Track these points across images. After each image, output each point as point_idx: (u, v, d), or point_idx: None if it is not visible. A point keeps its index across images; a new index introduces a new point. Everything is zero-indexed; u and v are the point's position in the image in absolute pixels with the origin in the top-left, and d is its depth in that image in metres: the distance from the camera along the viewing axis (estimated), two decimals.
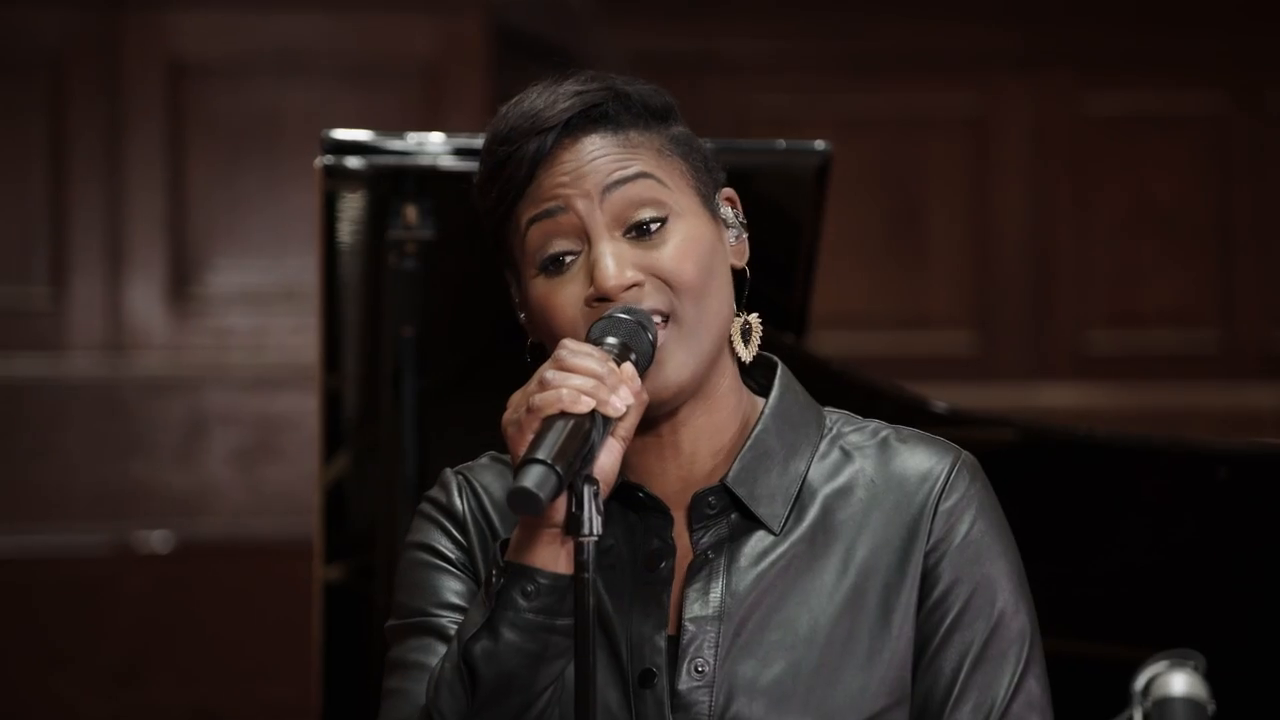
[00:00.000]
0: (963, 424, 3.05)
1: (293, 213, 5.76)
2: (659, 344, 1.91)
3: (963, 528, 1.96)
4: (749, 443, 1.97)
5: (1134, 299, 6.44)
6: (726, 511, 1.96)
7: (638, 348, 1.89)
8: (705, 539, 1.96)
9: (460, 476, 2.04)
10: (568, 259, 1.93)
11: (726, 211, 1.99)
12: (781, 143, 3.26)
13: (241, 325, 5.88)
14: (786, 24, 6.43)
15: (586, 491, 1.81)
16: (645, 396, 1.89)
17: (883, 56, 6.44)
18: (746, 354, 1.98)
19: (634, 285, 1.92)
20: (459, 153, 2.99)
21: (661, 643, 1.94)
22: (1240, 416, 6.17)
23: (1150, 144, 6.45)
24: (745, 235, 2.00)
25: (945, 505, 1.95)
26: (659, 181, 1.93)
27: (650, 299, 1.92)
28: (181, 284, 5.89)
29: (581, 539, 1.81)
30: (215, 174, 5.90)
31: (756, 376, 2.03)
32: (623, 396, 1.84)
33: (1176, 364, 6.42)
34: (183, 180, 5.90)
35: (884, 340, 6.32)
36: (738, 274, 1.99)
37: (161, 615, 5.50)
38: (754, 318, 1.99)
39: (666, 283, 1.92)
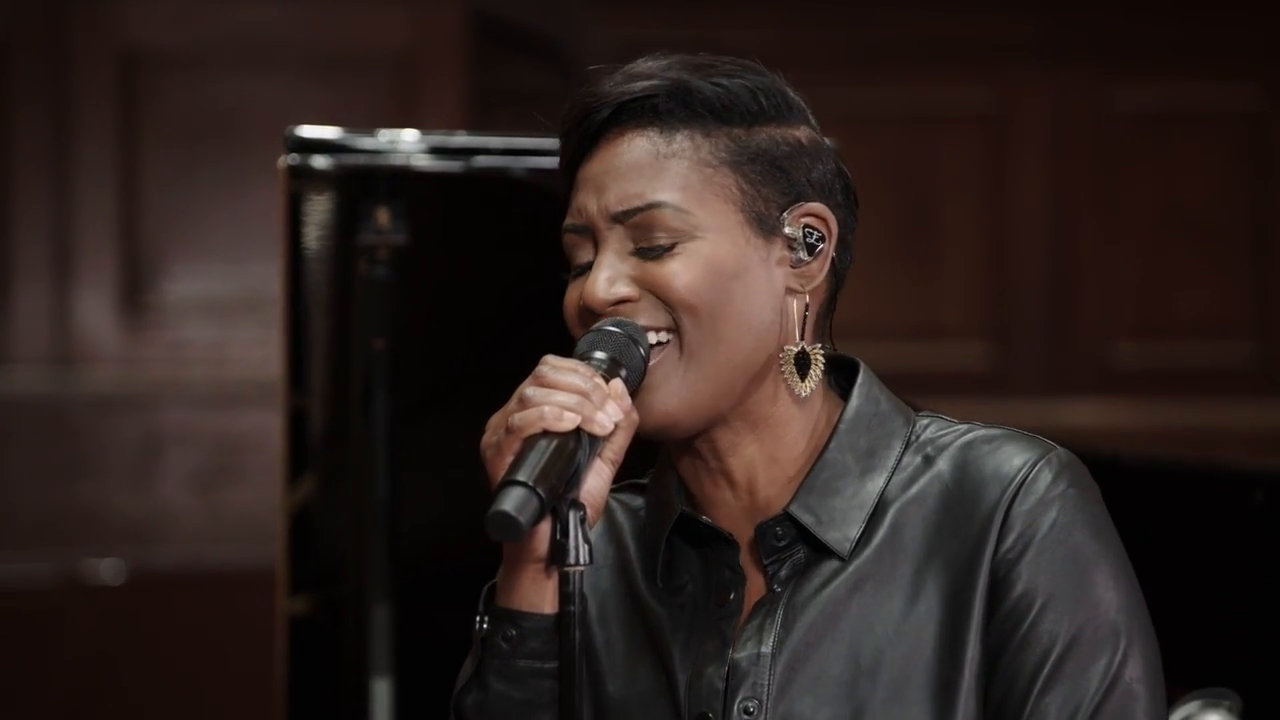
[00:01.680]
0: None
1: (255, 216, 5.76)
2: (654, 364, 1.92)
3: (1041, 530, 1.89)
4: (817, 464, 1.96)
5: (1163, 309, 6.45)
6: (797, 541, 1.95)
7: (628, 363, 1.89)
8: (782, 571, 1.95)
9: None
10: (586, 263, 1.96)
11: (795, 230, 1.96)
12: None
13: (200, 337, 5.88)
14: (787, 12, 6.43)
15: (572, 517, 1.81)
16: (635, 416, 1.88)
17: (891, 47, 6.45)
18: (804, 388, 1.95)
19: (624, 301, 1.92)
20: (434, 152, 2.99)
21: (719, 683, 1.93)
22: (1277, 436, 6.17)
23: (1181, 142, 6.46)
24: (813, 259, 1.96)
25: (1021, 508, 1.90)
26: (676, 209, 1.92)
27: (645, 316, 1.92)
28: (134, 292, 5.88)
29: (568, 569, 1.81)
30: (171, 174, 5.90)
31: (840, 379, 2.01)
32: (610, 413, 1.84)
33: (1208, 379, 6.42)
34: (136, 180, 5.89)
35: (893, 353, 6.32)
36: (804, 298, 1.96)
37: (112, 651, 5.49)
38: (816, 348, 1.96)
39: (665, 301, 1.92)
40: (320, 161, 2.96)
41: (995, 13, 6.46)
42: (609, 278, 1.92)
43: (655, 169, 1.93)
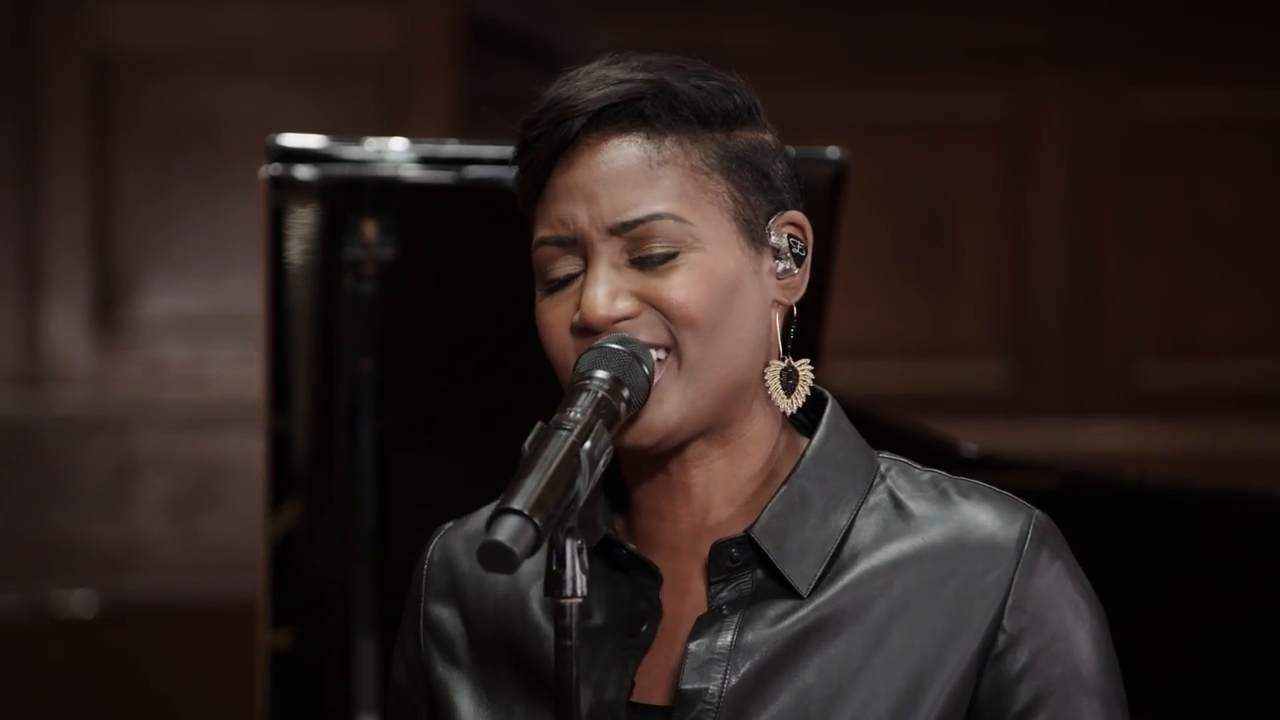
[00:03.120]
0: (996, 469, 3.06)
1: (235, 229, 5.77)
2: (656, 380, 1.92)
3: (1049, 628, 1.94)
4: (783, 489, 1.97)
5: (1190, 326, 6.45)
6: (751, 566, 1.97)
7: (631, 382, 1.90)
8: (725, 594, 1.96)
9: (440, 541, 2.09)
10: (569, 278, 1.96)
11: (780, 240, 1.98)
12: (789, 150, 3.26)
13: (176, 356, 5.88)
14: (793, 14, 6.44)
15: (569, 546, 1.81)
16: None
17: (904, 51, 6.45)
18: (789, 405, 1.98)
19: (624, 318, 1.93)
20: (424, 161, 2.99)
21: (621, 713, 1.94)
22: None
23: (1208, 150, 6.47)
24: (798, 269, 1.99)
25: (1024, 590, 1.93)
26: (675, 219, 1.93)
27: (645, 332, 1.93)
28: (108, 308, 5.89)
29: (564, 601, 1.81)
30: (146, 184, 5.91)
31: (804, 412, 2.03)
32: None
33: (1239, 399, 6.42)
34: (109, 190, 5.90)
35: (907, 373, 6.33)
36: (786, 311, 1.99)
37: (83, 688, 5.49)
38: (802, 364, 1.99)
39: (666, 316, 1.93)
40: (304, 172, 2.97)
41: (1013, 15, 6.47)
42: (609, 292, 1.93)
43: (649, 177, 1.94)
